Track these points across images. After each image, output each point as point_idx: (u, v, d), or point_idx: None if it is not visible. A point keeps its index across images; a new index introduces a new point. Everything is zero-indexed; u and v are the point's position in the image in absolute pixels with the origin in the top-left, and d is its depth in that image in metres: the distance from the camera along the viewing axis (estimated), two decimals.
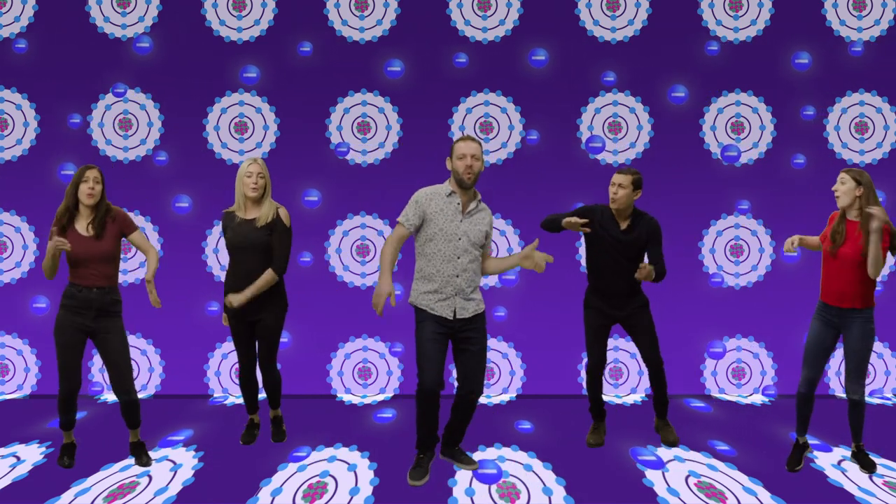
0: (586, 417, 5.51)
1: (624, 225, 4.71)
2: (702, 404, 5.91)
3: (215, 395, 6.06)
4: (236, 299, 4.53)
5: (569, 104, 6.19)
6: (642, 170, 5.96)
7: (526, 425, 5.33)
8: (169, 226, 6.12)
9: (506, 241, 6.21)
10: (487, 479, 4.35)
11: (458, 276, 4.22)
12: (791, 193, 6.14)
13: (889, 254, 4.32)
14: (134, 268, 6.11)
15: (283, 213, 4.71)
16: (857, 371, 4.26)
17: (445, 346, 4.26)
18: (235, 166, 6.14)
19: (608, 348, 5.13)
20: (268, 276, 4.61)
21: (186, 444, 4.89)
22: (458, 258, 4.23)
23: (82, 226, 4.35)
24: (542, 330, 6.17)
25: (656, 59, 6.17)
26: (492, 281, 6.20)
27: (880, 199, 6.04)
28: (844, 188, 4.21)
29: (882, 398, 6.08)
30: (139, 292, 6.03)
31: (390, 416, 5.51)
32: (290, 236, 4.71)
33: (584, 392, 6.14)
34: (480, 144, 4.30)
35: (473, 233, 4.28)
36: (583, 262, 6.18)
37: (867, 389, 4.36)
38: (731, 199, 6.18)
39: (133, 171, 6.12)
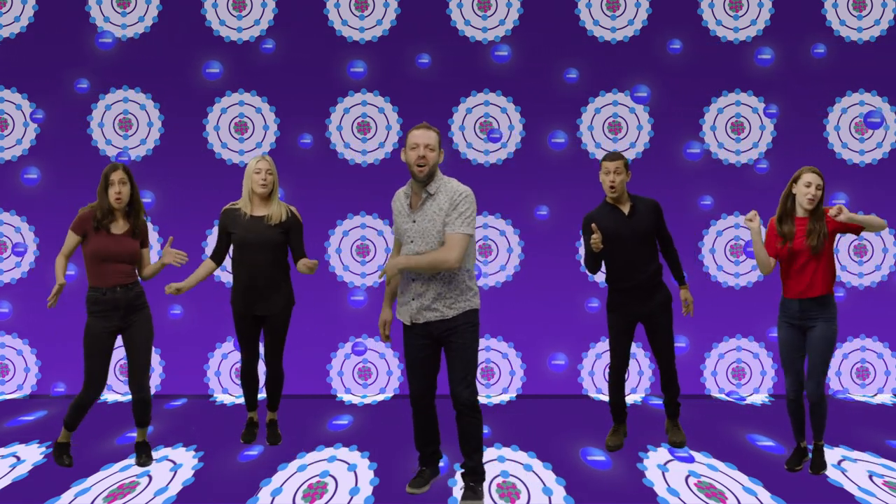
0: (586, 417, 5.51)
1: (626, 209, 4.69)
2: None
3: (173, 401, 5.98)
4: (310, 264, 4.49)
5: (568, 104, 6.19)
6: (642, 169, 5.97)
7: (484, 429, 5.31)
8: (169, 226, 6.12)
9: (506, 241, 6.21)
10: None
11: (414, 280, 3.88)
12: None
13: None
14: None
15: (295, 210, 4.79)
16: (818, 370, 4.25)
17: (428, 351, 3.96)
18: (235, 166, 6.14)
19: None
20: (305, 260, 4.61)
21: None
22: None
23: (116, 225, 4.36)
24: (542, 330, 6.17)
25: (656, 58, 6.17)
26: (491, 281, 6.20)
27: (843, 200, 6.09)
28: (820, 193, 4.22)
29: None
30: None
31: (346, 423, 5.38)
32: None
33: (581, 393, 6.14)
34: (438, 133, 3.87)
35: (427, 231, 3.81)
36: (582, 261, 6.18)
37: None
38: (732, 199, 6.18)
39: (133, 172, 6.10)
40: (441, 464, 4.43)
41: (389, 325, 4.19)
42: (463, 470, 4.04)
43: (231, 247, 4.79)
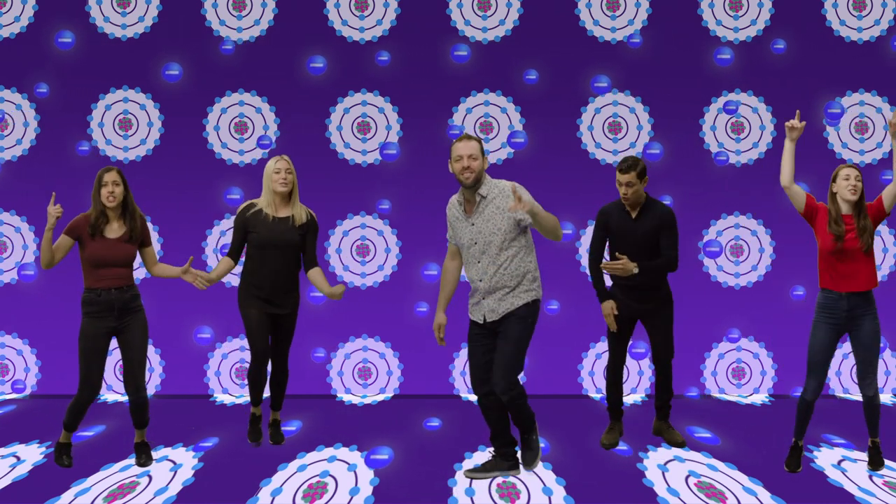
0: (586, 417, 5.51)
1: (634, 214, 4.71)
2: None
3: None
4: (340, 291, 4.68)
5: (569, 104, 6.19)
6: None
7: (434, 422, 5.30)
8: (169, 226, 6.12)
9: None
10: (376, 464, 4.44)
11: (481, 281, 4.10)
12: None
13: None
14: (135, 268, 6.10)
15: (313, 214, 4.85)
16: (872, 366, 4.29)
17: (488, 349, 4.17)
18: (236, 166, 6.14)
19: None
20: (320, 273, 4.79)
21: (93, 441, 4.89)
22: (478, 262, 4.11)
23: (111, 229, 4.36)
24: (542, 330, 6.15)
25: (656, 59, 6.17)
26: None
27: None
28: (861, 185, 4.24)
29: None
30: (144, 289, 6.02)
31: (294, 428, 5.24)
32: None
33: (581, 393, 6.13)
34: (479, 142, 4.13)
35: (488, 231, 4.08)
36: (583, 261, 6.19)
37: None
38: (732, 199, 6.18)
39: (133, 171, 6.10)
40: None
41: (444, 328, 4.35)
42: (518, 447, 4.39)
43: (246, 246, 4.78)
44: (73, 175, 6.06)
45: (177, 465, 4.51)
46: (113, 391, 6.16)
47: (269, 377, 5.00)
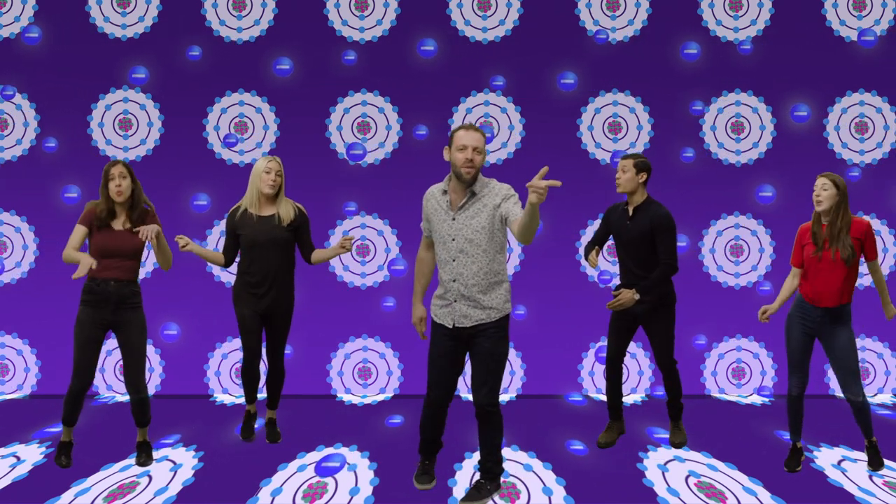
0: (586, 418, 5.51)
1: (631, 210, 4.71)
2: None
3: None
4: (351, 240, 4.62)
5: (568, 103, 6.19)
6: None
7: (396, 419, 5.37)
8: (169, 226, 6.11)
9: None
10: (327, 472, 4.43)
11: (454, 281, 3.86)
12: (792, 193, 6.14)
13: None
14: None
15: (302, 208, 4.83)
16: (853, 374, 4.28)
17: (456, 357, 3.97)
18: (235, 166, 6.15)
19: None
20: (321, 251, 4.82)
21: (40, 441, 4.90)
22: (454, 261, 3.85)
23: (117, 221, 4.36)
24: (542, 330, 6.17)
25: (656, 58, 6.17)
26: None
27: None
28: (827, 194, 4.23)
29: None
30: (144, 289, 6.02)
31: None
32: None
33: (581, 393, 6.14)
34: (483, 135, 3.86)
35: (469, 229, 3.81)
36: (582, 261, 6.19)
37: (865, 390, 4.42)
38: (732, 199, 6.19)
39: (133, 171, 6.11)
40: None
41: (425, 321, 4.20)
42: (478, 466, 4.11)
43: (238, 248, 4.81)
44: (75, 175, 6.06)
45: (177, 465, 4.51)
46: (113, 391, 6.16)
47: (264, 377, 5.02)
